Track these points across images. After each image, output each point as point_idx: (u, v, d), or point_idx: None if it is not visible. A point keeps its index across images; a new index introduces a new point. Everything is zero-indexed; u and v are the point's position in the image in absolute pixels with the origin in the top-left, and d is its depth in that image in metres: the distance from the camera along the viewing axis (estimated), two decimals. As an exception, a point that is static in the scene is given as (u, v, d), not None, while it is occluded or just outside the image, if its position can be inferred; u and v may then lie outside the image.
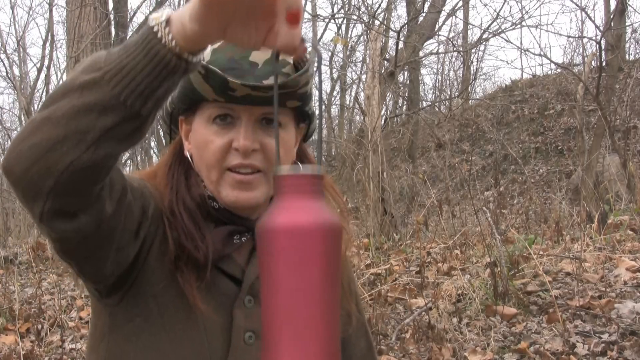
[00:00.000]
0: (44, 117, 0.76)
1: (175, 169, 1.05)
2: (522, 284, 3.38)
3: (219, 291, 1.00)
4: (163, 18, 0.72)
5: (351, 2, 11.60)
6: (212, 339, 0.99)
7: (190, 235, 0.98)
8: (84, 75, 0.75)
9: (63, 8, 10.22)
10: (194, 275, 0.97)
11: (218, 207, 1.03)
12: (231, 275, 1.02)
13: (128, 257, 0.94)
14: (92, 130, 0.74)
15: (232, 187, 1.00)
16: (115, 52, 0.75)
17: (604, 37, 6.45)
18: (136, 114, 0.75)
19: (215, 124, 1.00)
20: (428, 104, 13.93)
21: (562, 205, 5.43)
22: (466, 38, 13.37)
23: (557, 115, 10.92)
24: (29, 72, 13.52)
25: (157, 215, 0.98)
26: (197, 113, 1.02)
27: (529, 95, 12.07)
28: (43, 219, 0.79)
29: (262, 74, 0.97)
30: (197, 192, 1.02)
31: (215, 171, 1.00)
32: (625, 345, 2.63)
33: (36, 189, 0.76)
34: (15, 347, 3.08)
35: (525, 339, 2.88)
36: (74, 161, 0.74)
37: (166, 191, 1.02)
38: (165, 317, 0.98)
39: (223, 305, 1.00)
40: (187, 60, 0.74)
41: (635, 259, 3.65)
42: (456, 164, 9.44)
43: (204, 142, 1.00)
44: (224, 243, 1.01)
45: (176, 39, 0.72)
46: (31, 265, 4.95)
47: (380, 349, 2.95)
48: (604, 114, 6.22)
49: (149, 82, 0.73)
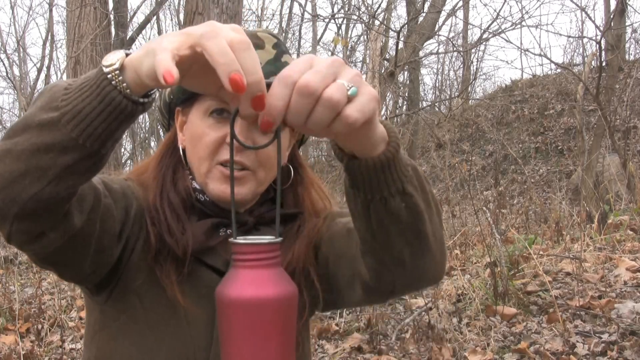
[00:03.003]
0: (6, 149, 0.76)
1: (165, 162, 1.06)
2: (522, 284, 3.39)
3: (201, 284, 1.00)
4: (117, 65, 0.71)
5: (351, 2, 11.62)
6: (195, 333, 0.99)
7: (170, 229, 0.99)
8: (42, 113, 0.74)
9: (63, 8, 10.24)
10: (172, 268, 0.98)
11: (204, 199, 1.03)
12: (214, 267, 1.01)
13: (111, 258, 0.95)
14: (52, 167, 0.74)
15: (220, 181, 1.00)
16: (73, 90, 0.74)
17: (604, 37, 6.45)
18: (96, 152, 0.75)
19: (212, 118, 1.00)
20: (428, 104, 13.94)
21: (562, 205, 5.43)
22: (466, 38, 13.37)
23: (557, 115, 10.92)
24: (29, 72, 13.54)
25: (140, 214, 1.00)
26: (195, 105, 1.02)
27: (529, 95, 12.07)
28: (11, 239, 0.81)
29: (263, 73, 0.95)
30: (182, 186, 1.03)
31: (206, 164, 1.00)
32: (625, 345, 2.63)
33: (2, 213, 0.78)
34: (15, 347, 3.08)
35: (525, 339, 2.88)
36: (37, 193, 0.75)
37: (153, 184, 1.03)
38: (150, 314, 0.99)
39: (206, 298, 0.98)
40: (143, 103, 0.73)
41: (635, 259, 3.65)
42: (456, 164, 9.44)
43: (199, 134, 1.00)
44: (208, 235, 1.00)
45: (131, 87, 0.71)
46: (31, 265, 4.95)
47: (380, 349, 2.96)
48: (604, 114, 6.22)
49: (105, 126, 0.73)
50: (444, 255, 0.95)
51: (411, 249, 0.89)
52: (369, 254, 0.93)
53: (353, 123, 0.66)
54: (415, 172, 0.86)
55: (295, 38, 15.42)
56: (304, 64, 0.66)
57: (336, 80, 0.66)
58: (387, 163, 0.80)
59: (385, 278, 0.94)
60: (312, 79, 0.64)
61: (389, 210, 0.84)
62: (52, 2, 9.22)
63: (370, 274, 0.95)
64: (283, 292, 0.67)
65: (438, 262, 0.93)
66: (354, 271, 0.99)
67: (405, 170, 0.83)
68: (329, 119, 0.66)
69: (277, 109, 0.64)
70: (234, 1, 5.49)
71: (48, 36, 10.35)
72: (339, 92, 0.65)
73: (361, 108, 0.67)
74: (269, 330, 0.66)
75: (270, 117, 0.65)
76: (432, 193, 0.90)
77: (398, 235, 0.87)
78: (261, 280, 0.66)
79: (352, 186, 0.84)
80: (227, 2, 5.41)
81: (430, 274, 0.94)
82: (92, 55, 7.61)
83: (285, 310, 0.67)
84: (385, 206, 0.83)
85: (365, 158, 0.80)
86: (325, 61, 0.66)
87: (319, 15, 12.44)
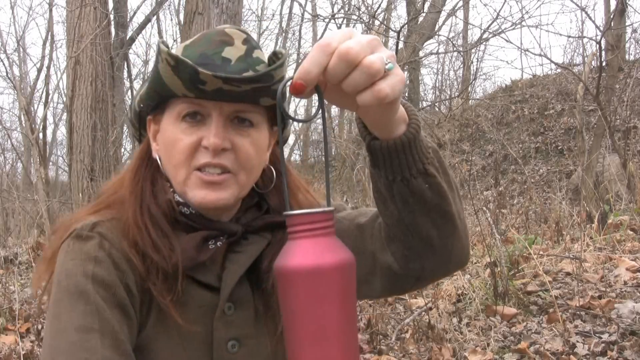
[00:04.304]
0: None
1: (141, 175, 1.00)
2: (522, 284, 3.39)
3: (195, 304, 0.96)
4: None
5: (351, 2, 11.61)
6: (193, 355, 0.95)
7: (155, 245, 0.93)
8: None
9: (63, 8, 10.24)
10: (164, 288, 0.93)
11: (189, 212, 0.98)
12: (205, 284, 0.97)
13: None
14: None
15: (199, 187, 0.95)
16: None
17: (604, 37, 6.44)
18: None
19: (185, 122, 0.95)
20: (428, 104, 13.94)
21: (562, 205, 5.43)
22: (466, 38, 13.37)
23: (557, 115, 10.91)
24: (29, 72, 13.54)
25: (140, 282, 0.95)
26: (166, 111, 0.98)
27: (529, 95, 12.06)
28: None
29: (235, 70, 0.92)
30: (163, 199, 0.97)
31: (183, 171, 0.95)
32: (625, 345, 2.63)
33: None
34: (15, 347, 3.07)
35: (525, 339, 2.88)
36: None
37: (131, 199, 0.97)
38: (151, 343, 0.94)
39: (201, 318, 0.96)
40: None
41: (635, 259, 3.65)
42: (456, 164, 9.44)
43: (173, 140, 0.95)
44: (198, 250, 0.95)
45: None
46: (31, 265, 4.94)
47: (380, 349, 2.95)
48: (604, 114, 6.22)
49: None
50: (468, 237, 0.95)
51: (438, 230, 0.89)
52: (396, 240, 0.93)
53: (384, 97, 0.68)
54: (437, 154, 0.88)
55: (295, 38, 15.42)
56: (343, 34, 0.68)
57: (374, 53, 0.68)
58: (407, 144, 0.82)
59: (414, 264, 0.94)
60: (354, 46, 0.66)
61: (412, 191, 0.85)
62: (52, 2, 9.22)
63: (399, 261, 0.95)
64: (343, 259, 0.67)
65: (464, 244, 0.94)
66: (374, 266, 0.98)
67: (426, 151, 0.85)
68: (363, 84, 0.68)
69: (311, 73, 0.66)
70: (234, 1, 5.49)
71: (48, 36, 10.34)
72: (379, 61, 0.67)
73: (393, 86, 0.69)
74: (332, 297, 0.66)
75: (303, 81, 0.66)
76: (453, 176, 0.91)
77: (424, 215, 0.87)
78: (321, 248, 0.67)
79: (374, 166, 0.85)
80: (227, 2, 5.41)
81: (457, 257, 0.95)
82: (92, 55, 7.61)
83: (346, 277, 0.67)
84: (408, 186, 0.84)
85: (386, 139, 0.82)
86: (365, 36, 0.69)
87: (319, 15, 12.44)
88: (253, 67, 0.93)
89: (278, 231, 1.02)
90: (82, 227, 0.95)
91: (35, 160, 7.54)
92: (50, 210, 6.54)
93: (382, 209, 0.91)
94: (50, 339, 0.87)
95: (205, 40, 0.95)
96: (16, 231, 7.14)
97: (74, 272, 0.91)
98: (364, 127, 0.84)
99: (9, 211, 7.77)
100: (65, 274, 0.92)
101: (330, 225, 0.68)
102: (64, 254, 0.94)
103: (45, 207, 6.31)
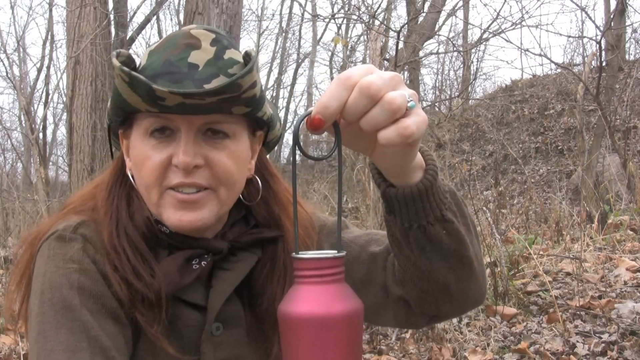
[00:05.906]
0: None
1: (116, 193, 0.93)
2: (522, 284, 3.39)
3: (182, 324, 0.91)
4: None
5: (351, 2, 11.61)
6: None
7: (136, 271, 0.87)
8: None
9: (63, 8, 10.24)
10: (150, 316, 0.87)
11: (169, 231, 0.91)
12: (193, 303, 0.92)
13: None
14: None
15: (175, 208, 0.87)
16: None
17: (604, 37, 6.44)
18: None
19: (153, 138, 0.87)
20: (428, 104, 13.92)
21: (562, 205, 5.43)
22: (466, 38, 13.37)
23: (557, 115, 10.91)
24: (29, 72, 13.54)
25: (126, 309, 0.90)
26: (134, 126, 0.90)
27: (529, 95, 12.06)
28: None
29: (204, 76, 0.84)
30: (141, 219, 0.91)
31: (155, 191, 0.88)
32: (625, 345, 2.63)
33: None
34: (15, 347, 3.07)
35: (525, 339, 2.88)
36: None
37: (106, 220, 0.90)
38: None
39: (189, 339, 0.91)
40: None
41: (635, 259, 3.65)
42: (456, 164, 9.44)
43: (142, 158, 0.88)
44: (182, 272, 0.89)
45: None
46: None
47: (380, 349, 2.95)
48: (604, 114, 6.22)
49: None
50: (485, 277, 0.93)
51: (456, 274, 0.86)
52: (411, 283, 0.90)
53: (409, 135, 0.65)
54: (454, 197, 0.84)
55: (295, 38, 15.45)
56: (364, 69, 0.66)
57: (396, 90, 0.65)
58: (425, 192, 0.78)
59: (429, 306, 0.92)
60: (376, 81, 0.63)
61: (429, 238, 0.82)
62: (52, 2, 9.23)
63: (413, 301, 0.92)
64: (352, 309, 0.65)
65: (481, 285, 0.91)
66: (385, 298, 0.95)
67: (443, 197, 0.81)
68: (384, 122, 0.64)
69: (330, 108, 0.63)
70: (234, 1, 5.49)
71: (48, 36, 10.37)
72: (401, 98, 0.64)
73: (418, 125, 0.66)
74: (338, 347, 0.64)
75: (321, 116, 0.63)
76: (470, 216, 0.88)
77: (441, 261, 0.84)
78: (330, 296, 0.64)
79: (389, 212, 0.82)
80: (227, 2, 5.41)
81: (474, 297, 0.92)
82: (92, 55, 7.61)
83: (353, 326, 0.65)
84: (425, 234, 0.81)
85: (402, 186, 0.78)
86: (387, 72, 0.66)
87: (319, 15, 12.45)
88: (224, 70, 0.85)
89: (268, 247, 0.97)
90: (65, 228, 0.89)
91: (35, 160, 7.54)
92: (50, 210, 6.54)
93: (397, 252, 0.87)
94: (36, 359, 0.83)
95: (170, 45, 0.87)
96: (16, 231, 7.13)
97: (58, 283, 0.85)
98: (379, 173, 0.80)
99: (9, 211, 7.77)
100: (48, 284, 0.85)
101: (340, 271, 0.65)
102: (45, 258, 0.87)
103: (45, 207, 6.31)
